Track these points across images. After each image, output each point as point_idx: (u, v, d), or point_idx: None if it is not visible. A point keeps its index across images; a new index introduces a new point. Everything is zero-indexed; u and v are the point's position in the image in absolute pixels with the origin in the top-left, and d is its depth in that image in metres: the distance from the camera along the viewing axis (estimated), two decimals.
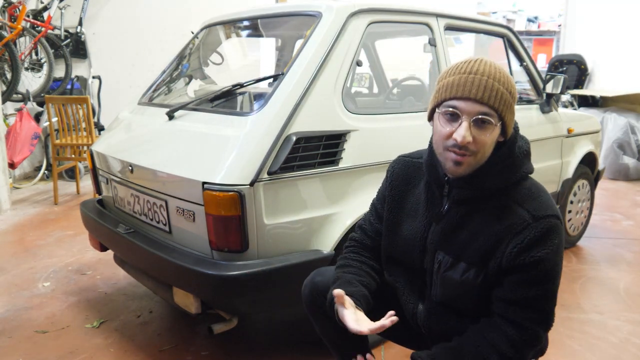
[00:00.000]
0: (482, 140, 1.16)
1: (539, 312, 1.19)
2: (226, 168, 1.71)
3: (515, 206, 1.20)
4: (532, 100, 2.95)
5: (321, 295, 1.43)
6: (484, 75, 1.14)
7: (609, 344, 2.19)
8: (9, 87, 4.71)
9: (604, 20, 6.64)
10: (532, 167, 1.27)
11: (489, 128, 1.16)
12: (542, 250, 1.15)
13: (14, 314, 2.42)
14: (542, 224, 1.16)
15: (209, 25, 2.64)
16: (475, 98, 1.14)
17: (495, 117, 1.16)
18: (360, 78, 3.95)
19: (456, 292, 1.27)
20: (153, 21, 5.96)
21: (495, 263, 1.20)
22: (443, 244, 1.28)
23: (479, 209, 1.24)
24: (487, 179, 1.21)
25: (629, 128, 5.63)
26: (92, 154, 2.40)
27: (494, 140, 1.19)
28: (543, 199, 1.21)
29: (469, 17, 2.60)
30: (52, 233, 3.59)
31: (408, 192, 1.40)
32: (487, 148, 1.18)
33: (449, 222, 1.28)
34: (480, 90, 1.13)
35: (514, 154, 1.23)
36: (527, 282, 1.17)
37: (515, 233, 1.17)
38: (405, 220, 1.38)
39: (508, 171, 1.22)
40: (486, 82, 1.14)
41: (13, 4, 4.95)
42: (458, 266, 1.25)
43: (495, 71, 1.16)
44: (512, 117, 1.20)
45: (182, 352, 2.11)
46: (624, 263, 3.12)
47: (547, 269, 1.16)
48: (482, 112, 1.14)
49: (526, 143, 1.27)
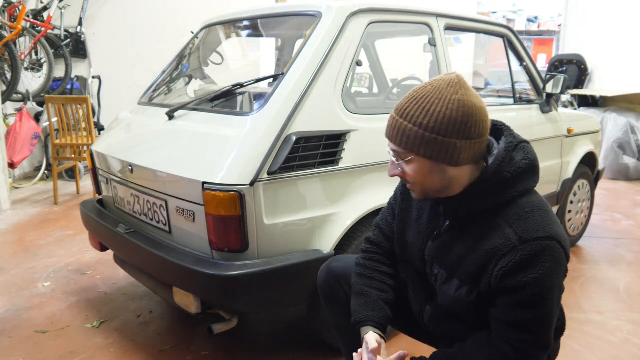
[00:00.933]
0: (408, 173, 1.21)
1: (533, 334, 1.15)
2: (226, 168, 1.71)
3: (505, 226, 1.16)
4: (532, 100, 2.96)
5: (337, 280, 1.50)
6: (398, 115, 1.19)
7: (609, 344, 2.19)
8: (9, 87, 4.71)
9: (604, 20, 6.64)
10: (532, 183, 1.22)
11: (409, 162, 1.20)
12: (528, 275, 1.11)
13: (14, 314, 2.42)
14: (529, 247, 1.11)
15: (208, 25, 2.64)
16: (389, 139, 1.22)
17: (404, 153, 1.19)
18: (360, 78, 3.95)
19: (452, 305, 1.29)
20: (153, 21, 5.96)
21: (486, 282, 1.18)
22: (439, 258, 1.29)
23: (473, 227, 1.22)
24: (475, 200, 1.20)
25: (629, 128, 5.63)
26: (92, 154, 2.40)
27: (427, 172, 1.18)
28: (536, 219, 1.15)
29: (469, 17, 2.60)
30: (52, 233, 3.59)
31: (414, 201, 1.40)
32: (420, 179, 1.20)
33: (446, 238, 1.29)
34: (390, 131, 1.21)
35: (499, 175, 1.17)
36: (516, 305, 1.13)
37: (501, 255, 1.14)
38: (411, 227, 1.40)
39: (496, 191, 1.18)
40: (396, 122, 1.18)
41: (13, 4, 4.95)
42: (452, 282, 1.25)
43: (412, 107, 1.16)
44: (434, 148, 1.15)
45: (182, 352, 2.11)
46: (624, 263, 3.12)
47: (536, 292, 1.11)
48: (393, 150, 1.22)
49: (526, 158, 1.21)
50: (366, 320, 1.36)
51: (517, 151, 1.22)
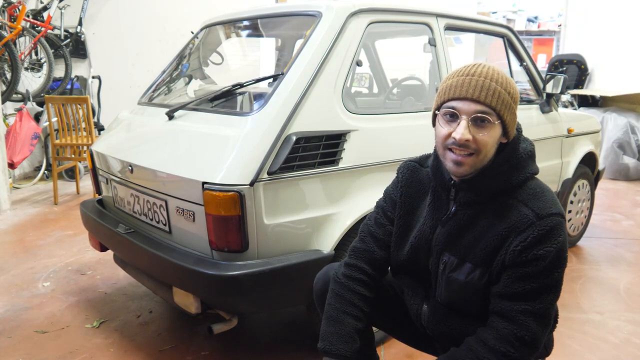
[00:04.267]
0: (482, 139, 1.18)
1: (534, 306, 1.16)
2: (226, 168, 1.71)
3: (520, 205, 1.21)
4: (532, 100, 2.95)
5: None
6: (481, 77, 1.18)
7: (609, 344, 2.19)
8: (9, 87, 4.71)
9: (604, 20, 6.64)
10: (537, 168, 1.29)
11: (487, 127, 1.18)
12: (545, 248, 1.16)
13: (14, 314, 2.42)
14: (545, 222, 1.17)
15: (208, 25, 2.64)
16: (472, 97, 1.17)
17: (494, 115, 1.18)
18: (360, 78, 3.95)
19: (460, 293, 1.28)
20: (153, 21, 5.96)
21: (499, 261, 1.20)
22: (449, 245, 1.29)
23: (485, 210, 1.25)
24: (492, 181, 1.23)
25: (629, 128, 5.63)
26: (92, 154, 2.40)
27: (496, 140, 1.21)
28: (547, 198, 1.22)
29: (469, 17, 2.60)
30: (52, 233, 3.59)
31: (418, 199, 1.40)
32: (488, 148, 1.20)
33: (455, 224, 1.29)
34: (477, 90, 1.17)
35: (518, 155, 1.25)
36: (524, 276, 1.17)
37: (519, 231, 1.18)
38: (415, 225, 1.39)
39: (512, 172, 1.23)
40: (483, 82, 1.18)
41: (13, 3, 4.95)
42: (463, 267, 1.26)
43: (493, 72, 1.20)
44: (512, 117, 1.22)
45: (182, 352, 2.11)
46: (624, 263, 3.12)
47: (547, 265, 1.16)
48: (479, 111, 1.18)
49: (530, 144, 1.29)
50: (336, 354, 1.31)
51: (522, 140, 1.29)
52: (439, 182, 1.32)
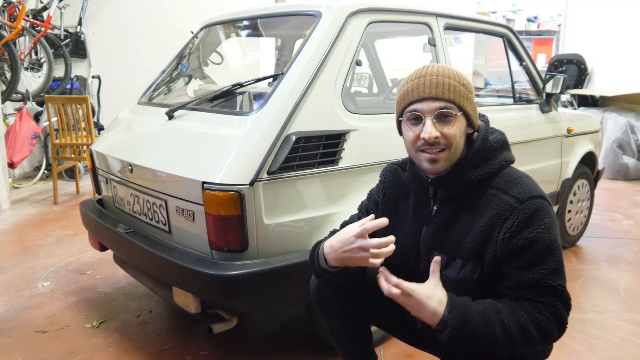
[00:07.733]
0: (450, 133, 1.22)
1: (552, 289, 1.17)
2: (226, 168, 1.71)
3: (500, 194, 1.24)
4: (532, 100, 2.96)
5: (329, 289, 1.46)
6: (434, 75, 1.23)
7: (609, 344, 2.19)
8: (9, 87, 4.71)
9: (604, 20, 6.64)
10: (513, 157, 1.31)
11: (452, 120, 1.22)
12: (534, 231, 1.17)
13: (14, 314, 2.42)
14: (528, 206, 1.19)
15: (208, 25, 2.64)
16: (431, 96, 1.22)
17: (455, 108, 1.22)
18: (360, 78, 3.94)
19: (454, 292, 1.27)
20: (153, 21, 5.96)
21: (491, 254, 1.21)
22: (436, 244, 1.30)
23: (466, 204, 1.27)
24: (467, 173, 1.26)
25: (629, 128, 5.62)
26: (92, 154, 2.40)
27: (463, 132, 1.25)
28: (526, 183, 1.24)
29: (469, 17, 2.60)
30: (52, 233, 3.59)
31: (400, 201, 1.42)
32: (458, 140, 1.23)
33: (439, 222, 1.30)
34: (434, 88, 1.22)
35: (489, 145, 1.28)
36: (527, 265, 1.17)
37: (504, 219, 1.20)
38: (399, 227, 1.39)
39: (486, 162, 1.27)
40: (437, 80, 1.22)
41: (13, 3, 4.95)
42: (454, 264, 1.26)
43: (444, 70, 1.24)
44: (473, 107, 1.26)
45: (182, 352, 2.11)
46: (624, 263, 3.12)
47: (542, 247, 1.17)
48: (441, 107, 1.22)
49: (501, 134, 1.32)
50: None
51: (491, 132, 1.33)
52: (418, 183, 1.36)
